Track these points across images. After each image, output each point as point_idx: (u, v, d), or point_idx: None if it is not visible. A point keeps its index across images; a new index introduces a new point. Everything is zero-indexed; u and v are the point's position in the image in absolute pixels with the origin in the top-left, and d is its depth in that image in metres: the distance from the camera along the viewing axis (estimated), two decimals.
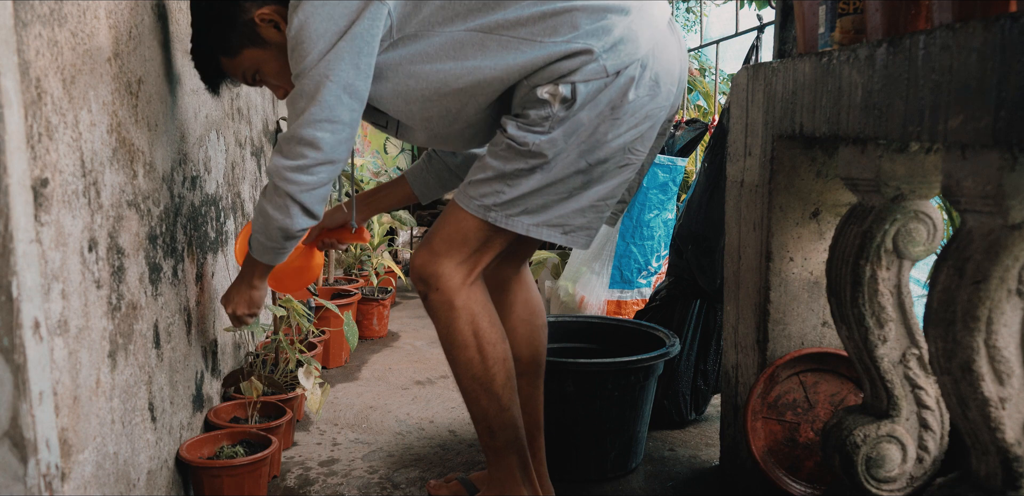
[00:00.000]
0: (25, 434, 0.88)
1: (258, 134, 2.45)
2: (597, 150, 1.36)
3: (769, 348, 1.57)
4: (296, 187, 1.38)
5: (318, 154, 1.35)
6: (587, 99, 1.32)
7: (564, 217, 1.40)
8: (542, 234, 1.40)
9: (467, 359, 1.45)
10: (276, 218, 1.42)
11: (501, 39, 1.32)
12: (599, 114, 1.33)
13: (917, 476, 1.24)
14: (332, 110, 1.33)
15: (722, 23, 4.72)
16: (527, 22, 1.31)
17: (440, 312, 1.43)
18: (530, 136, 1.33)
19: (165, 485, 1.50)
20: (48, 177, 1.02)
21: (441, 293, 1.41)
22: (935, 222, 1.20)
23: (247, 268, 1.62)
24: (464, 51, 1.33)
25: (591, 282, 2.80)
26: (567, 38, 1.30)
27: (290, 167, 1.36)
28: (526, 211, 1.38)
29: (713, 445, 2.01)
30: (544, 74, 1.32)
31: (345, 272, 3.38)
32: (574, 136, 1.34)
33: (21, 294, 0.88)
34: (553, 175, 1.36)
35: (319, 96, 1.32)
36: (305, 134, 1.34)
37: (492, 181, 1.37)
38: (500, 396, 1.46)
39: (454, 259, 1.41)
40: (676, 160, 2.70)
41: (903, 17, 1.10)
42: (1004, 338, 0.89)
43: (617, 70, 1.32)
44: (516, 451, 1.51)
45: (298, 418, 2.13)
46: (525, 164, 1.35)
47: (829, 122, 1.23)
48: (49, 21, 1.02)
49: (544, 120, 1.33)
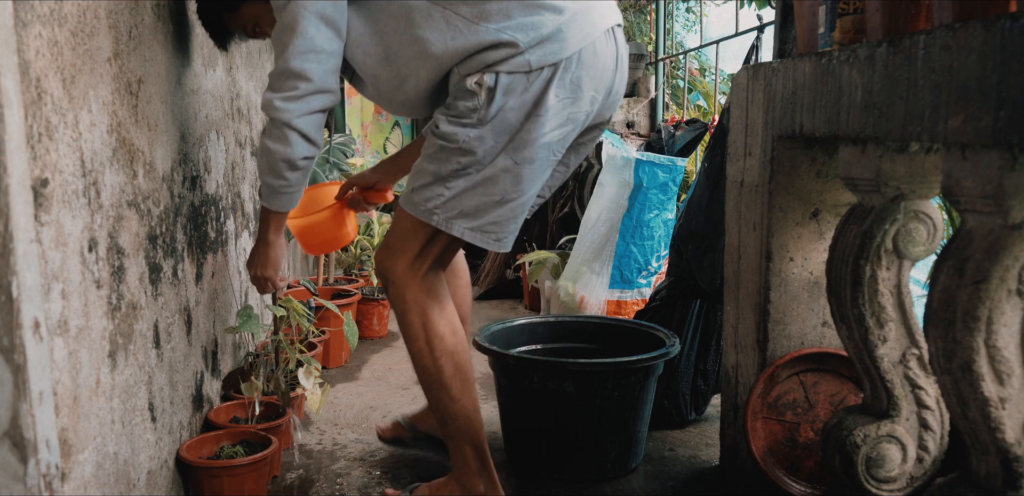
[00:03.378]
0: (25, 434, 0.88)
1: (258, 134, 2.45)
2: (524, 148, 1.41)
3: (769, 348, 1.57)
4: (290, 114, 1.43)
5: (308, 85, 1.41)
6: (509, 91, 1.37)
7: (495, 223, 1.48)
8: (475, 239, 1.49)
9: (418, 350, 1.54)
10: (277, 150, 1.47)
11: (444, 13, 1.38)
12: (524, 113, 1.39)
13: (917, 476, 1.24)
14: (313, 41, 1.39)
15: (722, 23, 4.72)
16: (468, 0, 1.37)
17: (396, 305, 1.54)
18: (460, 131, 1.40)
19: (165, 485, 1.50)
20: (48, 177, 1.02)
21: (396, 286, 1.52)
22: (935, 222, 1.20)
23: (260, 224, 1.68)
24: (413, 17, 1.40)
25: (591, 282, 2.80)
26: (498, 27, 1.36)
27: (282, 97, 1.42)
28: (462, 214, 1.46)
29: (713, 445, 2.01)
30: (472, 63, 1.38)
31: (345, 272, 3.38)
32: (502, 134, 1.40)
33: (21, 294, 0.88)
34: (484, 174, 1.43)
35: (299, 28, 1.38)
36: (293, 66, 1.39)
37: (432, 185, 1.45)
38: (449, 387, 1.53)
39: (407, 255, 1.51)
40: (676, 160, 2.70)
41: (903, 17, 1.10)
42: (1004, 338, 0.89)
43: (540, 66, 1.37)
44: (470, 442, 1.57)
45: (298, 418, 2.13)
46: (458, 164, 1.42)
47: (829, 122, 1.23)
48: (49, 21, 1.02)
49: (472, 112, 1.39)
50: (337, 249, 2.11)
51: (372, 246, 3.34)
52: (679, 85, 4.22)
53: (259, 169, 1.55)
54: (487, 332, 1.98)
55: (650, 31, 3.71)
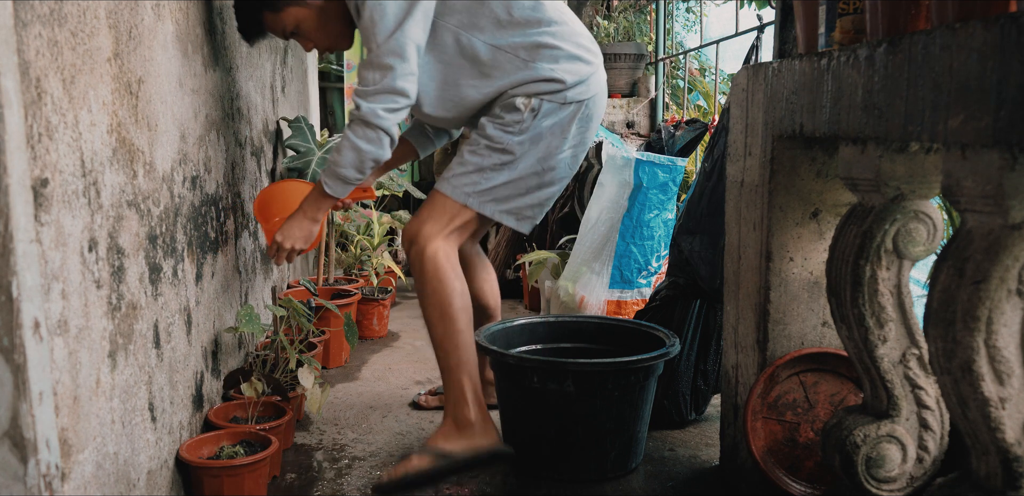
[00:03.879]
0: (25, 434, 0.88)
1: (258, 134, 2.45)
2: (549, 158, 1.83)
3: (769, 348, 1.57)
4: (389, 123, 1.72)
5: (407, 101, 1.73)
6: (546, 114, 1.79)
7: (520, 209, 1.87)
8: (502, 219, 1.85)
9: (431, 290, 1.80)
10: (370, 150, 1.75)
11: (506, 55, 1.78)
12: (553, 132, 1.80)
13: (917, 476, 1.24)
14: (413, 65, 1.72)
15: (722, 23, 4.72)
16: (528, 47, 1.78)
17: (416, 258, 1.82)
18: (505, 136, 1.79)
19: (165, 485, 1.50)
20: (48, 177, 1.02)
21: (419, 245, 1.81)
22: (935, 222, 1.20)
23: (313, 204, 1.88)
24: (478, 55, 1.78)
25: (591, 282, 2.80)
26: (551, 67, 1.78)
27: (385, 109, 1.71)
28: (494, 199, 1.83)
29: (713, 445, 2.01)
30: (526, 88, 1.79)
31: (345, 272, 3.38)
32: (536, 144, 1.80)
33: (21, 294, 0.88)
34: (516, 173, 1.81)
35: (406, 54, 1.69)
36: (397, 86, 1.70)
37: (472, 174, 1.81)
38: (456, 319, 1.79)
39: (435, 224, 1.82)
40: (676, 160, 2.70)
41: (903, 17, 1.10)
42: (1004, 338, 0.89)
43: (571, 101, 1.80)
44: (467, 372, 1.80)
45: (298, 418, 2.13)
46: (498, 160, 1.80)
47: (829, 122, 1.23)
48: (49, 21, 1.02)
49: (516, 123, 1.79)
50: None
51: (372, 246, 3.34)
52: (679, 85, 4.23)
53: (339, 163, 1.77)
54: (487, 332, 1.98)
55: (650, 31, 3.71)
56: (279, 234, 1.89)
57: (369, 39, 1.70)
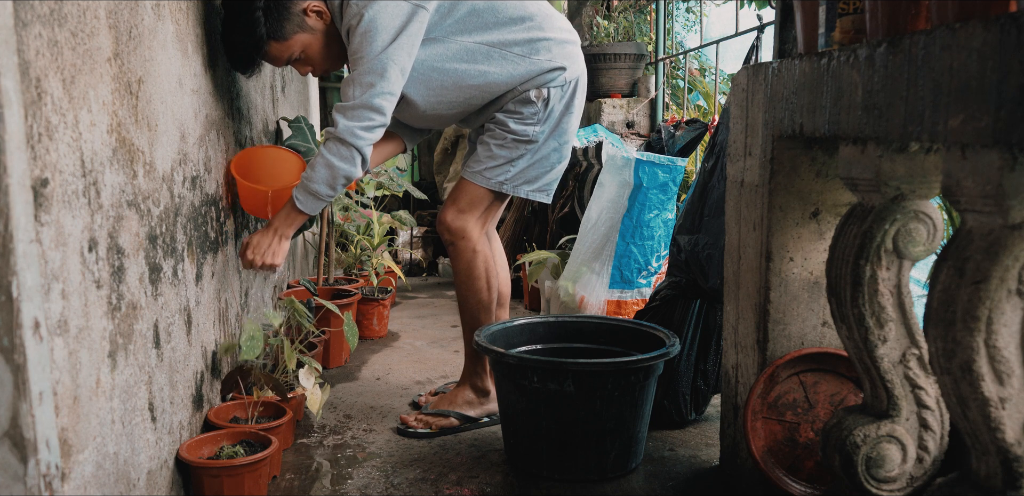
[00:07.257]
0: (25, 434, 0.88)
1: (258, 134, 2.45)
2: (563, 134, 2.03)
3: (769, 348, 1.57)
4: (363, 142, 1.80)
5: (382, 118, 1.81)
6: (555, 99, 1.97)
7: (547, 184, 2.09)
8: (534, 196, 2.07)
9: (479, 288, 2.09)
10: (343, 168, 1.81)
11: (501, 53, 1.92)
12: (563, 111, 2.00)
13: (917, 476, 1.24)
14: (393, 85, 1.80)
15: (722, 23, 4.73)
16: (521, 43, 1.92)
17: (465, 254, 2.07)
18: (528, 128, 1.99)
19: (165, 485, 1.50)
20: (48, 177, 1.02)
21: (468, 241, 2.06)
22: (935, 222, 1.20)
23: (284, 220, 1.90)
24: (475, 57, 1.91)
25: (591, 282, 2.80)
26: (548, 58, 1.94)
27: (362, 127, 1.79)
28: (526, 181, 2.05)
29: (713, 445, 2.01)
30: (534, 82, 1.95)
31: (345, 272, 3.38)
32: (552, 126, 2.00)
33: (21, 294, 0.88)
34: (540, 154, 2.02)
35: (387, 74, 1.78)
36: (375, 103, 1.78)
37: (503, 165, 2.01)
38: (492, 311, 2.14)
39: (473, 216, 2.06)
40: (676, 160, 2.70)
41: (903, 17, 1.10)
42: (1004, 338, 0.89)
43: (571, 81, 1.99)
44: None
45: (298, 418, 2.13)
46: (524, 149, 2.00)
47: (829, 122, 1.23)
48: (49, 21, 1.02)
49: (535, 115, 1.97)
50: None
51: (372, 245, 3.34)
52: (679, 85, 4.23)
53: (312, 179, 1.83)
54: (487, 332, 1.98)
55: (650, 31, 3.71)
56: (249, 250, 1.91)
57: (356, 61, 1.79)
